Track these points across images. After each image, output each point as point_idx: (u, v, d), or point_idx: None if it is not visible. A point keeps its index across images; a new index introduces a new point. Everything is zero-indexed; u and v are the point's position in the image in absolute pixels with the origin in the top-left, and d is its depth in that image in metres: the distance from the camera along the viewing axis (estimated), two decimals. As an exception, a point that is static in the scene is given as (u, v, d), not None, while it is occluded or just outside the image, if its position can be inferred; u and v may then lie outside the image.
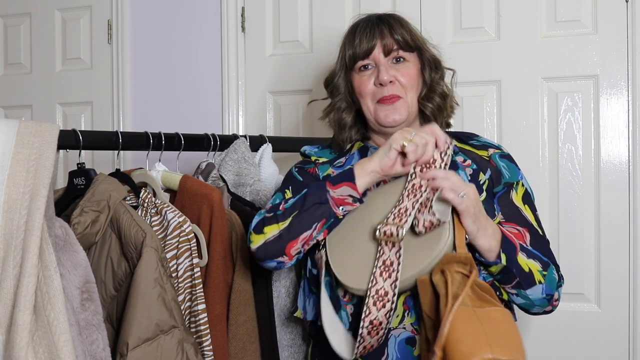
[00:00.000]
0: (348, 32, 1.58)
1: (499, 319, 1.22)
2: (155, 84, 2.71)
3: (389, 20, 1.54)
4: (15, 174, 1.16)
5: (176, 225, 1.48)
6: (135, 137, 1.64)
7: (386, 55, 1.51)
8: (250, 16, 2.59)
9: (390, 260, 1.32)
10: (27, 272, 1.12)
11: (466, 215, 1.30)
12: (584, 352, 2.23)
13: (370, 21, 1.54)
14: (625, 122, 2.20)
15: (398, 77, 1.51)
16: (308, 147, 1.67)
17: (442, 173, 1.32)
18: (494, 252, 1.35)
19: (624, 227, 2.19)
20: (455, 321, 1.18)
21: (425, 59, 1.56)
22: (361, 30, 1.53)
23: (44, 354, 1.12)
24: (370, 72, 1.53)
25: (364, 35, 1.52)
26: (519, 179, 1.51)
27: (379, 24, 1.53)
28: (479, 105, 2.32)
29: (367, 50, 1.51)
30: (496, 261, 1.35)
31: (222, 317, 1.54)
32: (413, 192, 1.35)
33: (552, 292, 1.42)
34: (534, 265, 1.40)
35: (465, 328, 1.17)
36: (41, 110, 2.89)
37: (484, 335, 1.16)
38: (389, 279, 1.30)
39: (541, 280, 1.40)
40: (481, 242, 1.33)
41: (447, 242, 1.29)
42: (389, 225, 1.32)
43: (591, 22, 2.22)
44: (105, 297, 1.43)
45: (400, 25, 1.54)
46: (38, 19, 2.90)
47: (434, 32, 2.33)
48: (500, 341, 1.16)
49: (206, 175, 1.72)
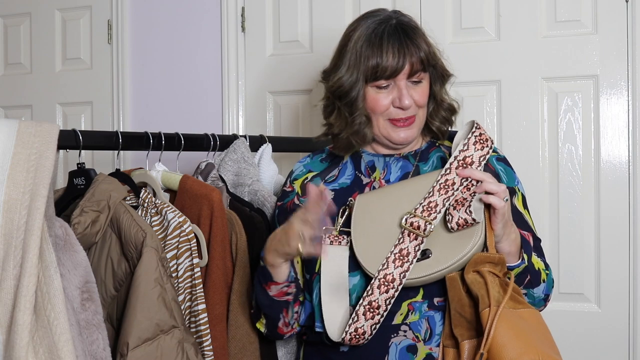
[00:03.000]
0: (370, 37, 1.43)
1: (533, 319, 1.27)
2: (155, 84, 2.71)
3: (412, 35, 1.43)
4: (15, 174, 1.16)
5: (176, 225, 1.48)
6: (135, 137, 1.64)
7: (410, 76, 1.42)
8: (250, 16, 2.59)
9: (408, 250, 1.33)
10: (27, 272, 1.12)
11: (500, 219, 1.31)
12: (584, 352, 2.22)
13: (395, 34, 1.42)
14: (625, 122, 2.20)
15: (415, 98, 1.43)
16: (298, 164, 1.60)
17: (488, 177, 1.31)
18: (513, 255, 1.36)
19: (624, 227, 2.19)
20: (499, 323, 1.21)
21: (437, 74, 1.48)
22: (387, 44, 1.41)
23: (44, 354, 1.12)
24: (388, 90, 1.43)
25: (391, 52, 1.40)
26: (516, 184, 1.51)
27: (405, 40, 1.41)
28: (479, 105, 2.31)
29: (394, 70, 1.40)
30: (519, 263, 1.37)
31: (222, 317, 1.54)
32: (445, 187, 1.34)
33: (549, 292, 1.46)
34: (540, 264, 1.44)
35: (510, 331, 1.20)
36: (41, 110, 2.89)
37: (528, 338, 1.20)
38: (400, 268, 1.32)
39: (544, 278, 1.43)
40: (504, 245, 1.35)
41: (479, 241, 1.30)
42: (417, 218, 1.33)
43: (591, 22, 2.22)
44: (105, 297, 1.43)
45: (422, 40, 1.44)
46: (38, 19, 2.90)
47: (434, 32, 2.34)
48: (540, 343, 1.21)
49: (206, 175, 1.72)
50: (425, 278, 1.33)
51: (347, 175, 1.53)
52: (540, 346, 1.20)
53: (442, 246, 1.32)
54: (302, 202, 1.51)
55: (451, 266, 1.30)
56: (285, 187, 1.58)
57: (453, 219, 1.30)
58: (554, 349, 1.24)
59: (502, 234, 1.33)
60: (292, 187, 1.56)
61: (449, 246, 1.31)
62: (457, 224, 1.29)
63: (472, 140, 1.37)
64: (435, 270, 1.31)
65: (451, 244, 1.31)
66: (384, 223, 1.38)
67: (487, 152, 1.36)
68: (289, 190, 1.57)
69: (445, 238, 1.32)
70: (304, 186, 1.54)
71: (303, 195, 1.53)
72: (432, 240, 1.32)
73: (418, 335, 1.39)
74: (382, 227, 1.38)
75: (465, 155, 1.36)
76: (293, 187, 1.56)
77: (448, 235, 1.32)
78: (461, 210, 1.30)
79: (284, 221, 1.42)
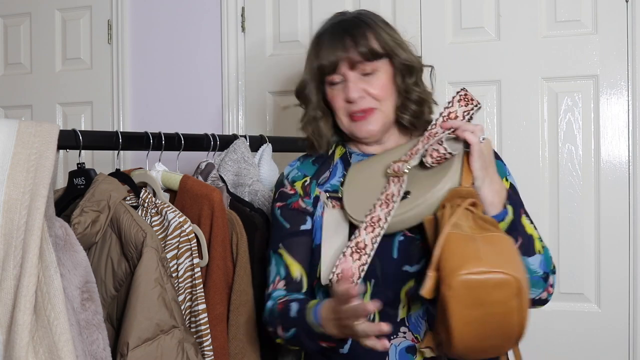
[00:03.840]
0: (314, 40, 1.51)
1: (500, 241, 1.22)
2: (155, 84, 2.71)
3: (353, 30, 1.46)
4: (15, 174, 1.16)
5: (177, 225, 1.49)
6: (135, 137, 1.64)
7: (353, 69, 1.45)
8: (250, 16, 2.59)
9: (392, 193, 1.37)
10: (27, 272, 1.12)
11: (477, 157, 1.32)
12: (584, 352, 2.23)
13: (335, 32, 1.47)
14: (625, 122, 2.20)
15: (369, 90, 1.45)
16: (290, 168, 1.60)
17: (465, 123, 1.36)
18: (496, 206, 1.33)
19: (624, 227, 2.19)
20: (449, 243, 1.20)
21: (397, 65, 1.48)
22: (325, 42, 1.47)
23: (44, 354, 1.12)
24: (340, 86, 1.47)
25: (328, 49, 1.45)
26: (506, 174, 1.50)
27: (342, 36, 1.45)
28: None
29: (332, 66, 1.45)
30: (503, 212, 1.33)
31: (222, 317, 1.54)
32: (428, 138, 1.40)
33: (547, 270, 1.40)
34: (534, 232, 1.41)
35: (457, 249, 1.18)
36: (41, 110, 2.89)
37: (476, 252, 1.16)
38: (386, 209, 1.35)
39: (540, 250, 1.39)
40: (485, 192, 1.33)
41: (454, 178, 1.32)
42: (397, 163, 1.38)
43: (591, 22, 2.22)
44: (105, 297, 1.43)
45: (366, 33, 1.46)
46: (38, 19, 2.90)
47: (434, 32, 2.35)
48: (495, 258, 1.16)
49: (206, 176, 1.72)
50: (405, 216, 1.35)
51: (338, 176, 1.53)
52: (492, 260, 1.16)
53: (420, 185, 1.36)
54: (308, 203, 1.52)
55: (427, 201, 1.33)
56: (285, 189, 1.56)
57: (427, 154, 1.35)
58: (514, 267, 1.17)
59: (482, 176, 1.33)
60: (294, 190, 1.55)
61: (426, 184, 1.35)
62: (432, 158, 1.34)
63: (457, 99, 1.42)
64: (412, 205, 1.34)
65: (428, 182, 1.35)
66: (373, 179, 1.43)
67: (472, 109, 1.40)
68: (291, 193, 1.55)
69: (423, 178, 1.37)
70: (305, 188, 1.54)
71: (306, 197, 1.53)
72: (412, 181, 1.37)
73: (417, 336, 1.39)
74: (370, 183, 1.43)
75: (449, 111, 1.41)
76: (295, 190, 1.55)
77: (426, 175, 1.37)
78: (435, 144, 1.34)
79: (292, 219, 1.50)
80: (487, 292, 1.15)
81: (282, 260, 1.50)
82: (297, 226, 1.50)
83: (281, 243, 1.51)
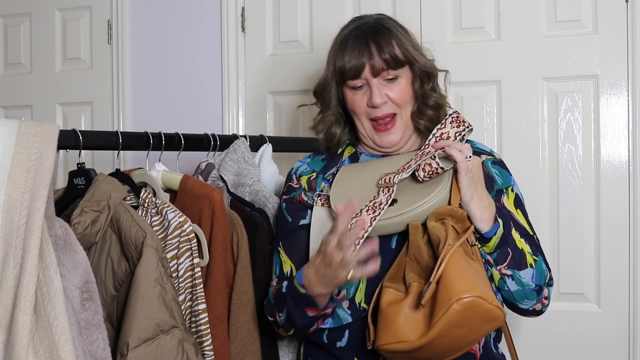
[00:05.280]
0: (338, 42, 1.53)
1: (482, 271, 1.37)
2: (155, 84, 2.71)
3: (378, 36, 1.48)
4: (15, 174, 1.16)
5: (177, 225, 1.48)
6: (135, 137, 1.64)
7: (376, 75, 1.48)
8: (250, 16, 2.59)
9: (381, 201, 1.40)
10: (27, 272, 1.12)
11: (464, 174, 1.35)
12: (584, 352, 2.23)
13: (359, 37, 1.49)
14: (625, 122, 2.20)
15: (390, 96, 1.49)
16: (299, 163, 1.64)
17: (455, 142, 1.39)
18: (486, 222, 1.36)
19: (624, 227, 2.19)
20: (451, 262, 1.28)
21: (416, 71, 1.52)
22: (350, 47, 1.49)
23: (44, 354, 1.12)
24: (363, 91, 1.50)
25: (352, 54, 1.48)
26: (511, 184, 1.52)
27: (367, 41, 1.48)
28: (479, 105, 2.32)
29: (356, 71, 1.48)
30: (493, 229, 1.36)
31: (223, 317, 1.54)
32: (421, 156, 1.43)
33: (540, 283, 1.42)
34: (525, 246, 1.42)
35: (460, 270, 1.28)
36: (41, 110, 2.89)
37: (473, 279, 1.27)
38: (372, 214, 1.39)
39: (532, 264, 1.41)
40: (474, 208, 1.36)
41: (443, 193, 1.37)
42: (390, 174, 1.42)
43: (591, 22, 2.22)
44: (105, 297, 1.43)
45: (389, 39, 1.48)
46: (38, 19, 2.90)
47: (434, 32, 2.34)
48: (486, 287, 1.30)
49: (206, 176, 1.72)
50: (390, 221, 1.39)
51: None
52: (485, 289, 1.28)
53: (409, 195, 1.40)
54: (309, 197, 1.55)
55: (414, 210, 1.38)
56: (292, 183, 1.61)
57: (420, 167, 1.39)
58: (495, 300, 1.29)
59: (469, 193, 1.35)
60: (299, 184, 1.59)
61: (415, 195, 1.40)
62: (424, 171, 1.38)
63: (449, 120, 1.46)
64: (399, 212, 1.38)
65: (417, 194, 1.40)
66: (363, 186, 1.46)
67: (463, 130, 1.44)
68: (296, 186, 1.60)
69: (413, 189, 1.41)
70: (310, 182, 1.58)
71: (309, 191, 1.56)
72: (402, 191, 1.41)
73: None
74: (360, 189, 1.46)
75: (442, 132, 1.45)
76: (300, 184, 1.59)
77: (416, 187, 1.41)
78: (427, 159, 1.38)
79: (294, 213, 1.55)
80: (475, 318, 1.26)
81: (279, 258, 1.56)
82: (297, 220, 1.55)
83: (281, 241, 1.57)
